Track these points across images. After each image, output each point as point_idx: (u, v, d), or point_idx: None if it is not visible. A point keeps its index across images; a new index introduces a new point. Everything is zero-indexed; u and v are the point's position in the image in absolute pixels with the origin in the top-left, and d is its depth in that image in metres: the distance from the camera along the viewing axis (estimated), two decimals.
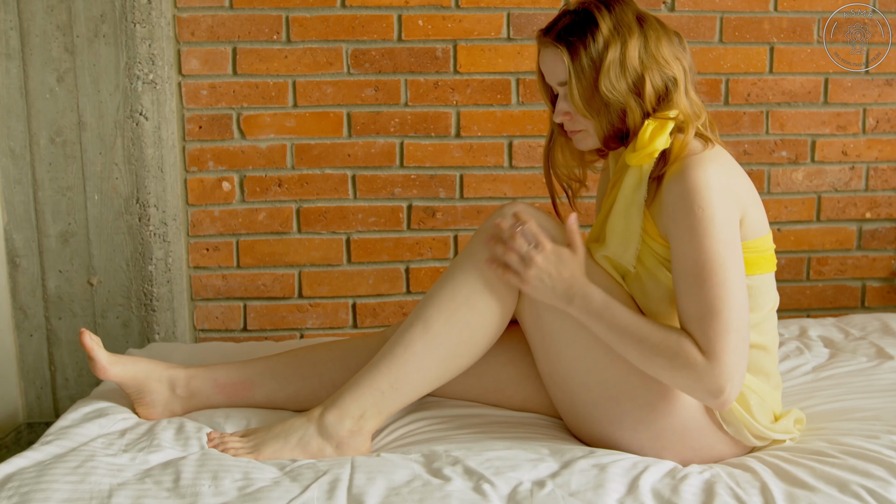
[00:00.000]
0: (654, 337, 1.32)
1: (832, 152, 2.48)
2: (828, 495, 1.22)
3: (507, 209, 1.46)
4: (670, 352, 1.31)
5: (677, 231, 1.34)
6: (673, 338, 1.32)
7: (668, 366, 1.31)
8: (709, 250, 1.30)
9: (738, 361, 1.30)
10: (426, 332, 1.43)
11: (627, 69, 1.37)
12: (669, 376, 1.32)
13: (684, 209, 1.32)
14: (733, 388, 1.30)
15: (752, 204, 1.40)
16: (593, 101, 1.40)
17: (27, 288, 2.25)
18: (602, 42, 1.37)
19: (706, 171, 1.33)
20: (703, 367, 1.29)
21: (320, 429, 1.42)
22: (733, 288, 1.30)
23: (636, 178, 1.42)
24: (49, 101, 2.19)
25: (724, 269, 1.30)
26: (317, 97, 2.33)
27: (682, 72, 1.41)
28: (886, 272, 2.55)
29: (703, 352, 1.30)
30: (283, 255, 2.38)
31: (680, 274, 1.34)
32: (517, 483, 1.26)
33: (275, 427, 1.44)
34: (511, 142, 2.39)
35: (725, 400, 1.30)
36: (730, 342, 1.29)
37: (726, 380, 1.29)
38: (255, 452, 1.40)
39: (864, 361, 1.84)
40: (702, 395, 1.31)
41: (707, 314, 1.30)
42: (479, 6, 2.32)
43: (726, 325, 1.29)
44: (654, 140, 1.36)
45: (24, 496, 1.20)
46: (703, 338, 1.30)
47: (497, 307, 1.44)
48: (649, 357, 1.32)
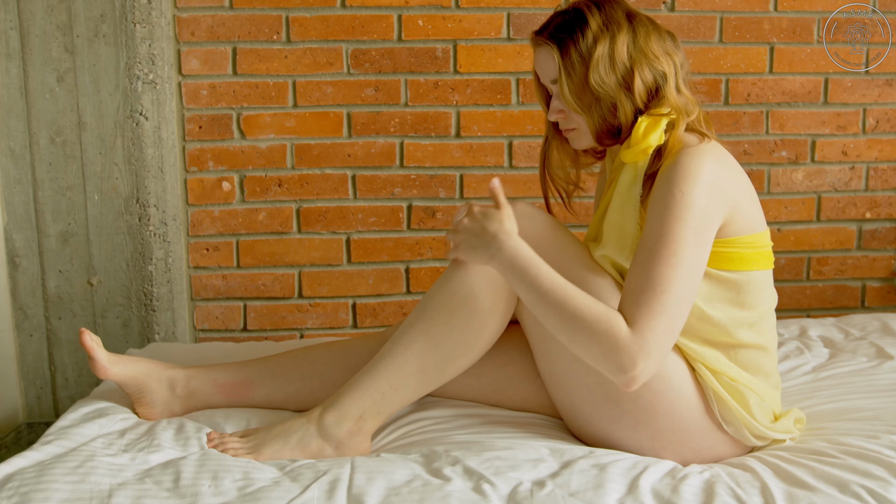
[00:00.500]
0: (579, 302, 1.27)
1: (832, 152, 2.48)
2: (828, 495, 1.22)
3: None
4: (593, 318, 1.26)
5: (653, 209, 1.33)
6: (600, 307, 1.28)
7: (589, 332, 1.26)
8: (674, 230, 1.29)
9: (661, 344, 1.26)
10: (426, 332, 1.43)
11: (616, 63, 1.39)
12: (586, 344, 1.27)
13: (665, 191, 1.32)
14: (645, 368, 1.26)
15: (746, 200, 1.40)
16: (584, 96, 1.41)
17: (27, 288, 2.26)
18: (591, 38, 1.39)
19: (699, 161, 1.33)
20: (625, 338, 1.25)
21: (320, 429, 1.42)
22: (683, 274, 1.28)
23: (632, 175, 1.42)
24: (49, 101, 2.19)
25: (682, 253, 1.28)
26: (317, 97, 2.33)
27: (672, 67, 1.42)
28: (886, 272, 2.55)
29: (629, 324, 1.26)
30: (283, 255, 2.38)
31: (641, 246, 1.32)
32: (517, 483, 1.26)
33: (274, 427, 1.44)
34: (511, 142, 2.39)
35: (634, 377, 1.26)
36: (659, 323, 1.26)
37: (642, 357, 1.25)
38: (254, 453, 1.40)
39: (864, 361, 1.84)
40: (612, 366, 1.26)
41: (648, 289, 1.27)
42: (479, 6, 2.32)
43: (662, 305, 1.27)
44: (648, 136, 1.37)
45: (24, 496, 1.20)
46: (634, 310, 1.27)
47: (497, 307, 1.44)
48: (570, 321, 1.27)
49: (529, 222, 1.45)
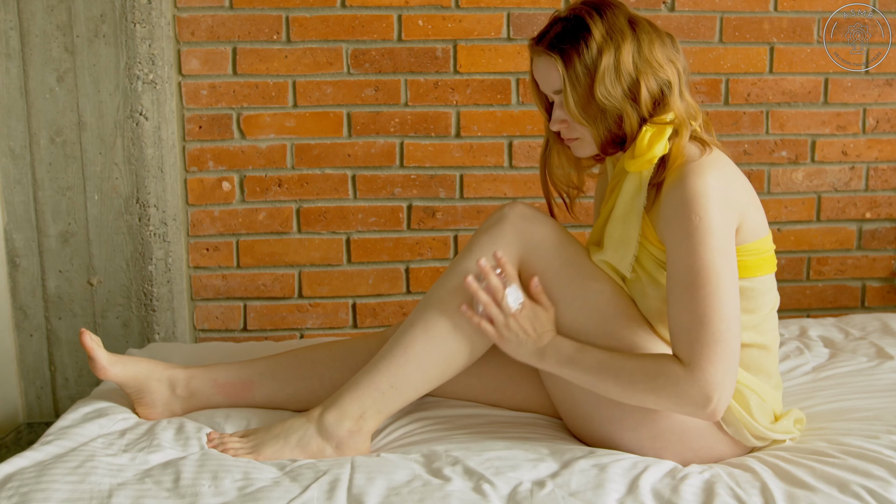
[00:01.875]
0: (629, 366, 1.33)
1: (832, 152, 2.48)
2: (828, 495, 1.22)
3: (508, 209, 1.47)
4: (649, 375, 1.31)
5: (673, 238, 1.33)
6: (649, 361, 1.32)
7: (651, 389, 1.31)
8: (703, 259, 1.30)
9: (725, 372, 1.29)
10: (425, 332, 1.43)
11: (622, 74, 1.36)
12: (655, 400, 1.32)
13: (681, 217, 1.32)
14: (721, 398, 1.29)
15: (751, 207, 1.40)
16: (589, 109, 1.39)
17: (27, 288, 2.26)
18: (596, 48, 1.36)
19: (705, 178, 1.32)
20: (686, 380, 1.29)
21: (320, 429, 1.42)
22: (724, 297, 1.30)
23: (635, 184, 1.41)
24: (49, 101, 2.19)
25: (716, 279, 1.30)
26: (317, 97, 2.33)
27: (676, 74, 1.40)
28: (886, 272, 2.55)
29: (687, 364, 1.29)
30: (283, 255, 2.38)
31: (673, 281, 1.33)
32: (517, 483, 1.26)
33: (274, 427, 1.44)
34: (511, 142, 2.39)
35: (714, 410, 1.29)
36: (716, 353, 1.28)
37: (712, 390, 1.28)
38: (254, 453, 1.40)
39: (864, 361, 1.84)
40: (690, 409, 1.30)
41: (696, 324, 1.29)
42: (479, 6, 2.32)
43: (714, 335, 1.28)
44: (653, 146, 1.36)
45: (24, 496, 1.20)
46: (689, 348, 1.30)
47: None
48: (630, 386, 1.32)
49: (529, 224, 1.45)
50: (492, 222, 1.47)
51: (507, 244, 1.44)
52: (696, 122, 1.41)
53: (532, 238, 1.44)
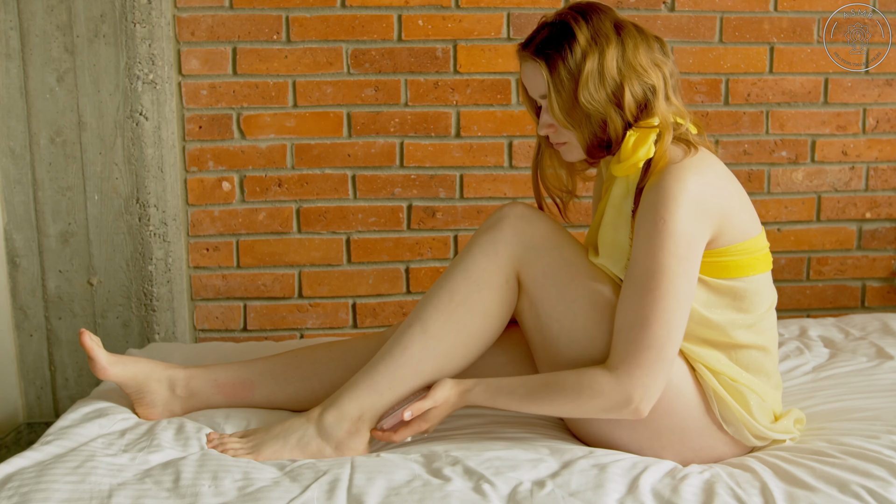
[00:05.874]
0: (552, 384, 1.37)
1: (832, 152, 2.48)
2: (828, 495, 1.22)
3: (507, 209, 1.47)
4: (573, 390, 1.35)
5: (638, 237, 1.35)
6: (570, 374, 1.36)
7: (580, 402, 1.35)
8: (660, 262, 1.31)
9: (653, 377, 1.32)
10: (424, 332, 1.43)
11: (606, 79, 1.37)
12: (585, 410, 1.36)
13: (649, 218, 1.33)
14: (643, 398, 1.32)
15: (738, 207, 1.39)
16: (574, 113, 1.39)
17: (27, 288, 2.26)
18: (580, 53, 1.37)
19: (681, 181, 1.32)
20: (611, 385, 1.33)
21: (319, 429, 1.42)
22: (672, 304, 1.31)
23: (623, 188, 1.43)
24: (49, 101, 2.19)
25: (668, 283, 1.31)
26: (317, 97, 2.33)
27: (661, 79, 1.40)
28: (886, 272, 2.55)
29: (616, 367, 1.33)
30: (283, 255, 2.38)
31: (628, 279, 1.35)
32: (517, 483, 1.26)
33: (274, 427, 1.44)
34: (511, 142, 2.39)
35: (636, 409, 1.33)
36: (647, 358, 1.31)
37: (633, 390, 1.32)
38: (254, 453, 1.40)
39: (864, 361, 1.84)
40: (614, 412, 1.34)
41: (637, 325, 1.32)
42: (479, 6, 2.32)
43: (650, 339, 1.31)
44: (637, 150, 1.37)
45: (24, 496, 1.20)
46: (623, 348, 1.33)
47: (496, 308, 1.44)
48: (561, 401, 1.36)
49: (528, 224, 1.45)
50: (491, 222, 1.48)
51: (506, 244, 1.44)
52: (682, 128, 1.41)
53: (531, 238, 1.44)
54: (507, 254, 1.44)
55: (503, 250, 1.44)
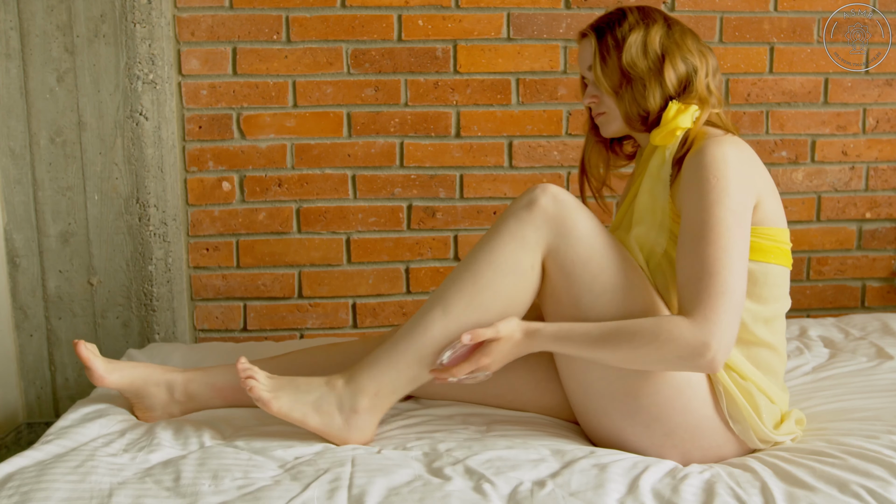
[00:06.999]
0: (628, 328, 1.33)
1: (832, 152, 2.48)
2: (828, 495, 1.22)
3: (539, 192, 1.43)
4: (650, 333, 1.31)
5: (689, 198, 1.37)
6: (648, 321, 1.32)
7: (656, 346, 1.30)
8: (716, 215, 1.33)
9: (728, 323, 1.29)
10: (445, 315, 1.41)
11: (648, 50, 1.46)
12: (660, 358, 1.31)
13: (699, 178, 1.36)
14: (720, 348, 1.29)
15: (769, 193, 1.43)
16: (614, 76, 1.48)
17: (27, 288, 2.25)
18: (627, 27, 1.49)
19: (724, 148, 1.37)
20: (689, 330, 1.29)
21: (337, 398, 1.42)
22: (734, 253, 1.32)
23: (661, 157, 1.46)
24: (49, 101, 2.19)
25: (728, 234, 1.32)
26: (317, 97, 2.33)
27: (704, 64, 1.48)
28: (886, 272, 2.55)
29: (690, 312, 1.30)
30: (283, 255, 2.38)
31: (685, 236, 1.36)
32: (518, 483, 1.26)
33: (298, 379, 1.44)
34: (511, 142, 2.39)
35: (712, 360, 1.29)
36: (721, 304, 1.29)
37: (711, 336, 1.28)
38: (271, 396, 1.40)
39: (864, 361, 1.84)
40: (690, 360, 1.30)
41: (704, 274, 1.31)
42: (479, 6, 2.32)
43: (721, 286, 1.30)
44: (678, 118, 1.42)
45: (24, 495, 1.20)
46: (695, 297, 1.30)
47: (520, 293, 1.42)
48: (634, 348, 1.31)
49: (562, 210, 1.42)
50: (522, 204, 1.44)
51: (536, 228, 1.41)
52: (719, 109, 1.48)
53: (563, 225, 1.41)
54: (536, 239, 1.41)
55: (532, 235, 1.41)
